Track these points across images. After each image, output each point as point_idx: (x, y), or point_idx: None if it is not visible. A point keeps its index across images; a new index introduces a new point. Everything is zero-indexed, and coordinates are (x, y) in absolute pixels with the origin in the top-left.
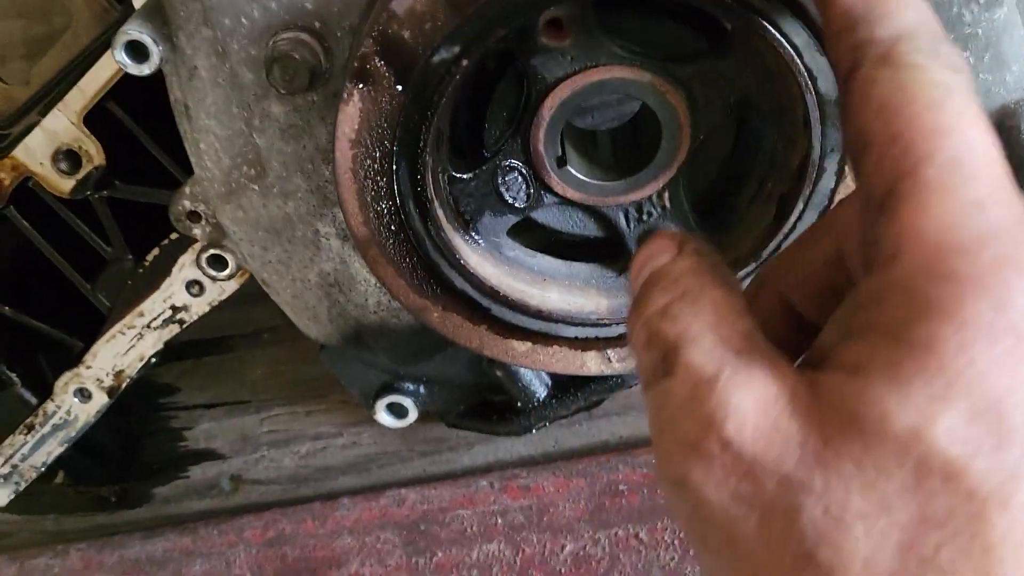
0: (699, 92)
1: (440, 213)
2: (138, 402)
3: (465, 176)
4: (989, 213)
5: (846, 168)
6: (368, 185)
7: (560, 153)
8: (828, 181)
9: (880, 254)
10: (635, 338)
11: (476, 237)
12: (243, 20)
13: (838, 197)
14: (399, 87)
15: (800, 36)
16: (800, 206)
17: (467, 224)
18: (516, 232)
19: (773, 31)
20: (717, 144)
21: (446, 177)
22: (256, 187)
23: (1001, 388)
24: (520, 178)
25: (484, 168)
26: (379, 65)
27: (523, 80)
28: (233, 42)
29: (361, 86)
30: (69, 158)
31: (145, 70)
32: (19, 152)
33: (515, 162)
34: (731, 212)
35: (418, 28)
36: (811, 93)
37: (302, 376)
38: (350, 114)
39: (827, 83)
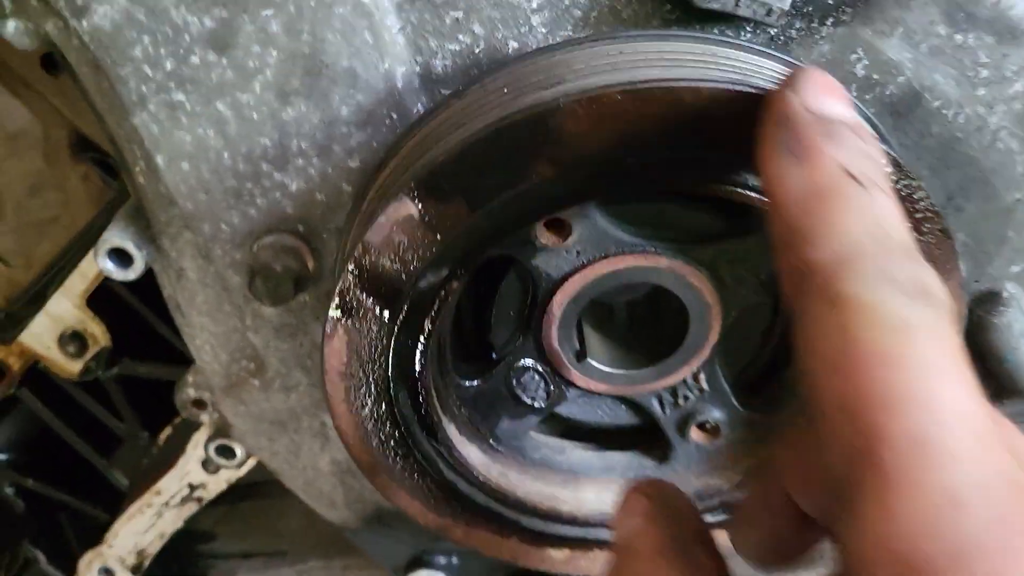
0: (726, 272)
1: (451, 430)
2: (178, 547)
3: (475, 383)
4: (968, 512)
5: None
6: (367, 414)
7: (579, 347)
8: None
9: (845, 557)
10: None
11: (496, 445)
12: (223, 226)
13: None
14: (386, 316)
15: None
16: None
17: (484, 434)
18: (541, 422)
19: None
20: (755, 317)
21: (453, 388)
22: (256, 381)
23: None
24: (537, 377)
25: (495, 372)
26: (361, 297)
27: (527, 277)
28: (216, 247)
29: (345, 320)
30: (75, 341)
31: (131, 275)
32: (25, 337)
33: (529, 361)
34: (780, 387)
35: (399, 256)
36: None
37: (338, 528)
38: (336, 348)
39: None
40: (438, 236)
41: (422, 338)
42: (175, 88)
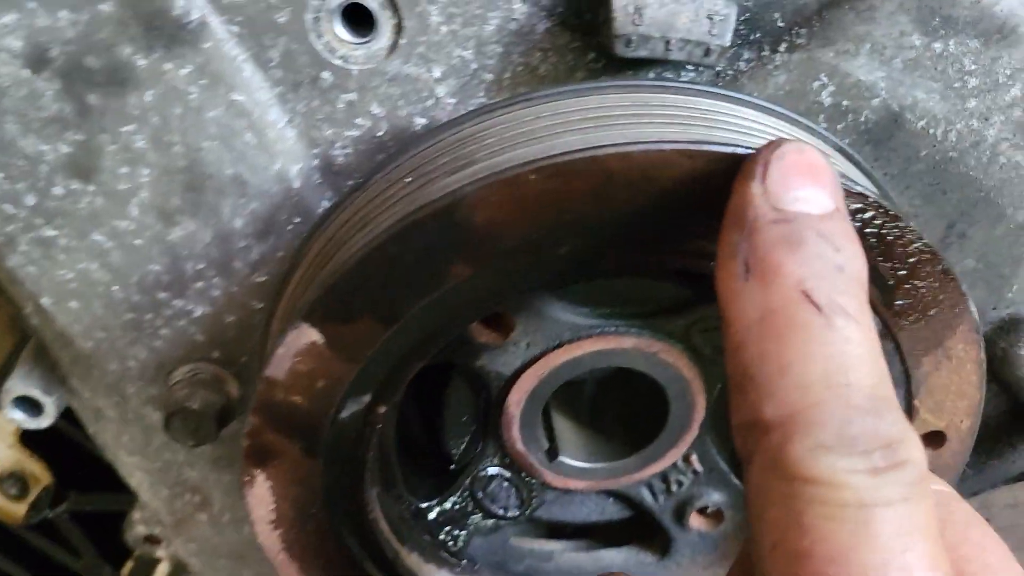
0: (702, 342)
1: (413, 560)
2: None
3: (435, 503)
4: None
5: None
6: (312, 561)
7: (548, 444)
8: None
9: None
10: None
11: (471, 565)
12: (130, 362)
13: None
14: (307, 454)
15: None
16: None
17: (455, 554)
18: (521, 528)
19: None
20: None
21: (411, 514)
22: (204, 516)
23: None
24: (505, 484)
25: (457, 487)
26: (275, 439)
27: (474, 379)
28: (127, 385)
29: (261, 466)
30: (15, 482)
31: (44, 422)
32: None
33: (494, 469)
34: None
35: (310, 389)
36: None
37: None
38: (260, 496)
39: None
40: (350, 362)
41: (358, 471)
42: (44, 224)
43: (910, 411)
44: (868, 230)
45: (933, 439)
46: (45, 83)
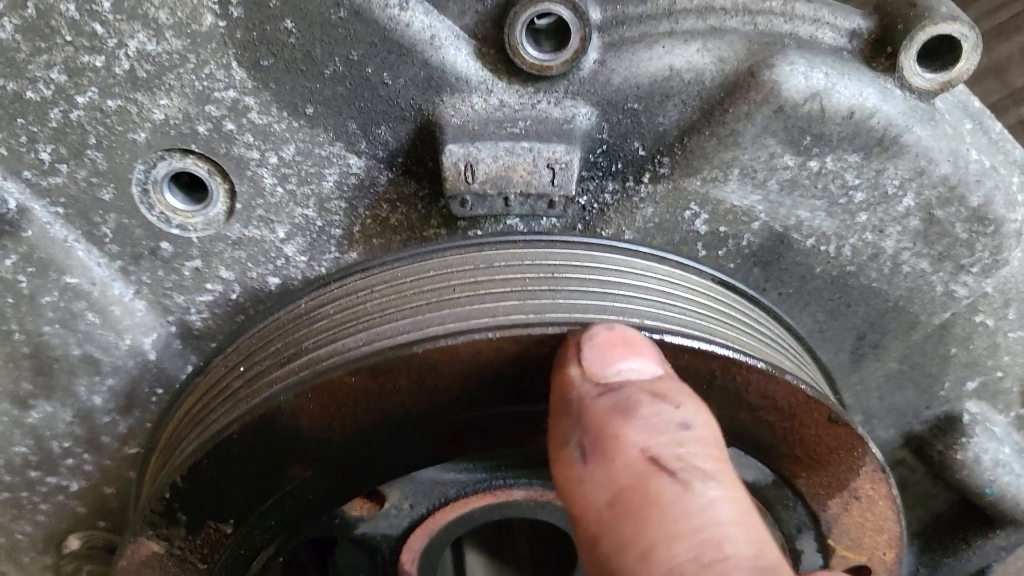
0: None
1: None
2: None
3: None
4: None
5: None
6: None
7: None
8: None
9: None
10: None
11: None
12: (18, 536)
13: None
14: None
15: None
16: None
17: None
18: None
19: None
20: None
21: None
22: None
23: None
24: None
25: None
26: None
27: (360, 545)
28: (22, 556)
29: None
30: None
31: None
32: None
33: None
34: None
35: None
36: None
37: None
38: None
39: None
40: (200, 566)
41: None
42: None
43: (825, 550)
44: (717, 383)
45: (859, 573)
46: None
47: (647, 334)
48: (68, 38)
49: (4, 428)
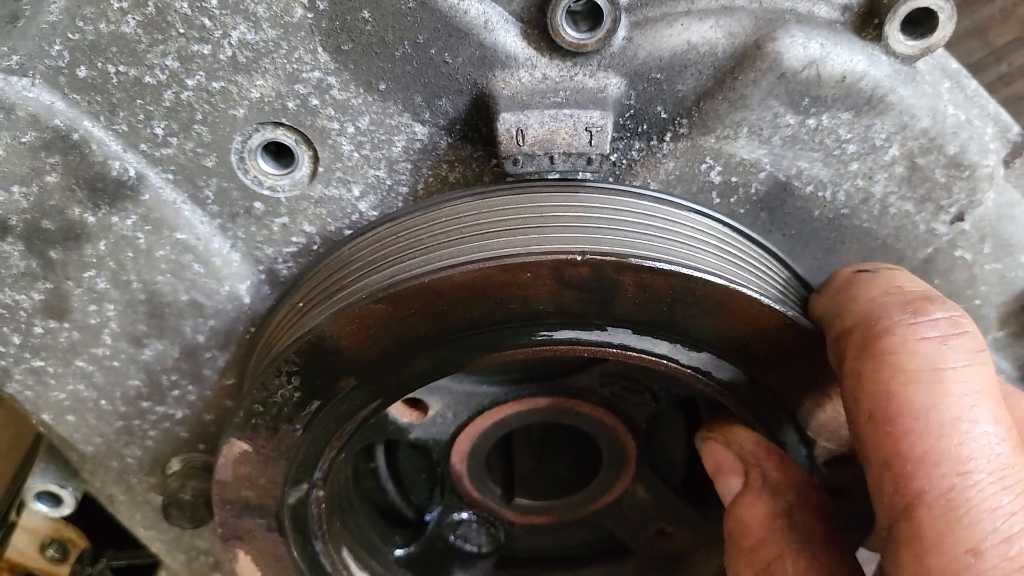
0: (611, 390)
1: None
2: None
3: (412, 550)
4: (985, 561)
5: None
6: None
7: (502, 489)
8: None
9: None
10: None
11: None
12: (128, 460)
13: None
14: (274, 532)
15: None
16: None
17: None
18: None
19: None
20: (671, 419)
21: (393, 561)
22: (219, 575)
23: None
24: (475, 525)
25: (428, 532)
26: (242, 523)
27: (417, 445)
28: (131, 477)
29: (237, 544)
30: (56, 548)
31: (65, 511)
32: (11, 553)
33: (461, 514)
34: None
35: (255, 486)
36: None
37: None
38: (246, 568)
39: None
40: (280, 461)
41: (323, 540)
42: (32, 357)
43: (806, 441)
44: (679, 297)
45: (842, 462)
46: (10, 246)
47: (615, 259)
48: (181, 31)
49: (121, 364)
